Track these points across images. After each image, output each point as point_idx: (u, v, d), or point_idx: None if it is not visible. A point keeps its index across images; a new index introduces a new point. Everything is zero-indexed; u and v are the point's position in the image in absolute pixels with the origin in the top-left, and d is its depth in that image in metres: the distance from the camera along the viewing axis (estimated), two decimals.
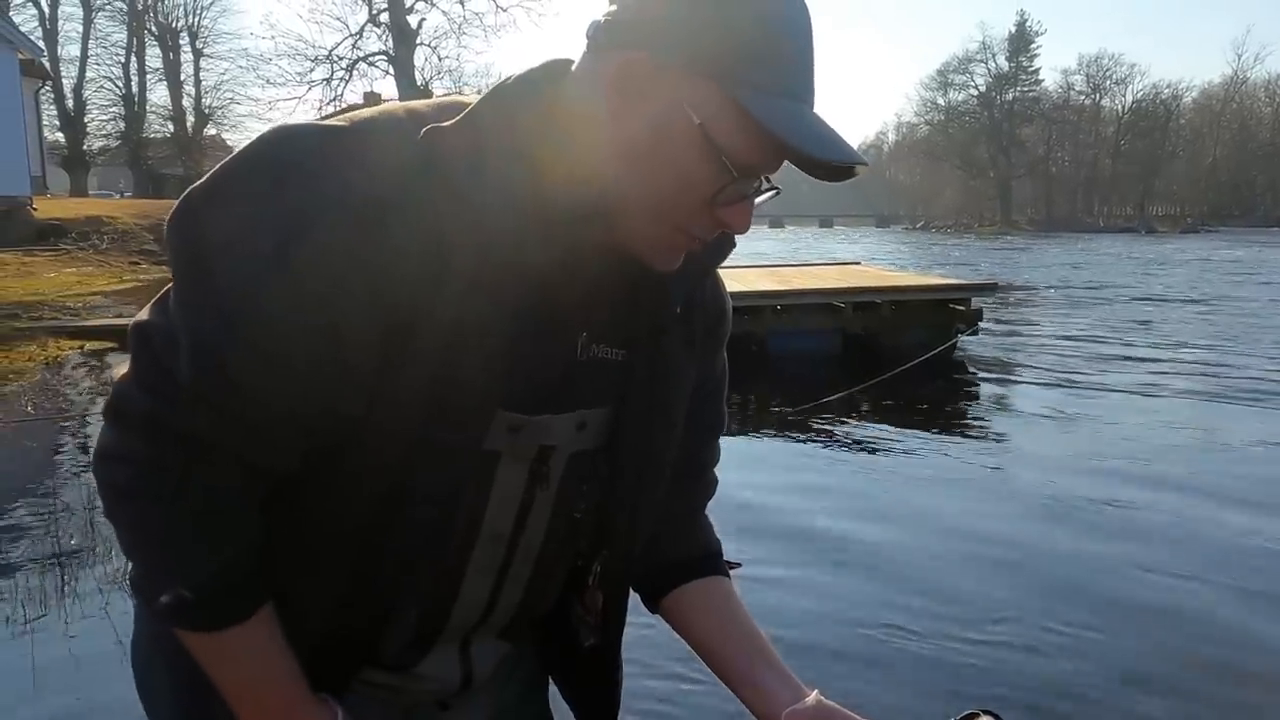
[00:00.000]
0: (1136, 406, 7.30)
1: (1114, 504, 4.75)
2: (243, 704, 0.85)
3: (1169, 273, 23.18)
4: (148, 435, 0.76)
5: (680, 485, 1.05)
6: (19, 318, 10.04)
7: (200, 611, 0.80)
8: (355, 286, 0.73)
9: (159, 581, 0.80)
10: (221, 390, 0.73)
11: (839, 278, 10.87)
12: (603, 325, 0.88)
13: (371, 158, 0.74)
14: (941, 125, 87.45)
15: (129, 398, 0.76)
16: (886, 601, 3.50)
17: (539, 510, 0.90)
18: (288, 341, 0.73)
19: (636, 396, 0.91)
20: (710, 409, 1.06)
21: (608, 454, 0.92)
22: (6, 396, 6.99)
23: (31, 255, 15.60)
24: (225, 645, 0.82)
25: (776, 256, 23.65)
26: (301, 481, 0.82)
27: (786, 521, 4.45)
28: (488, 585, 0.91)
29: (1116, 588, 3.67)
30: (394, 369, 0.76)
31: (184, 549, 0.79)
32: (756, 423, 6.59)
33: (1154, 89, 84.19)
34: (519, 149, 0.78)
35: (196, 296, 0.74)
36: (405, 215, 0.74)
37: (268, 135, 0.77)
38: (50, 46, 39.12)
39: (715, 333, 1.02)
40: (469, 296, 0.76)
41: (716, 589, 1.06)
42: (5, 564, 3.76)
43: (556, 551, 0.94)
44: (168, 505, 0.77)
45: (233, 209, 0.73)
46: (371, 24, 34.07)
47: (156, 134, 45.11)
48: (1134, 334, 11.67)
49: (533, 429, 0.85)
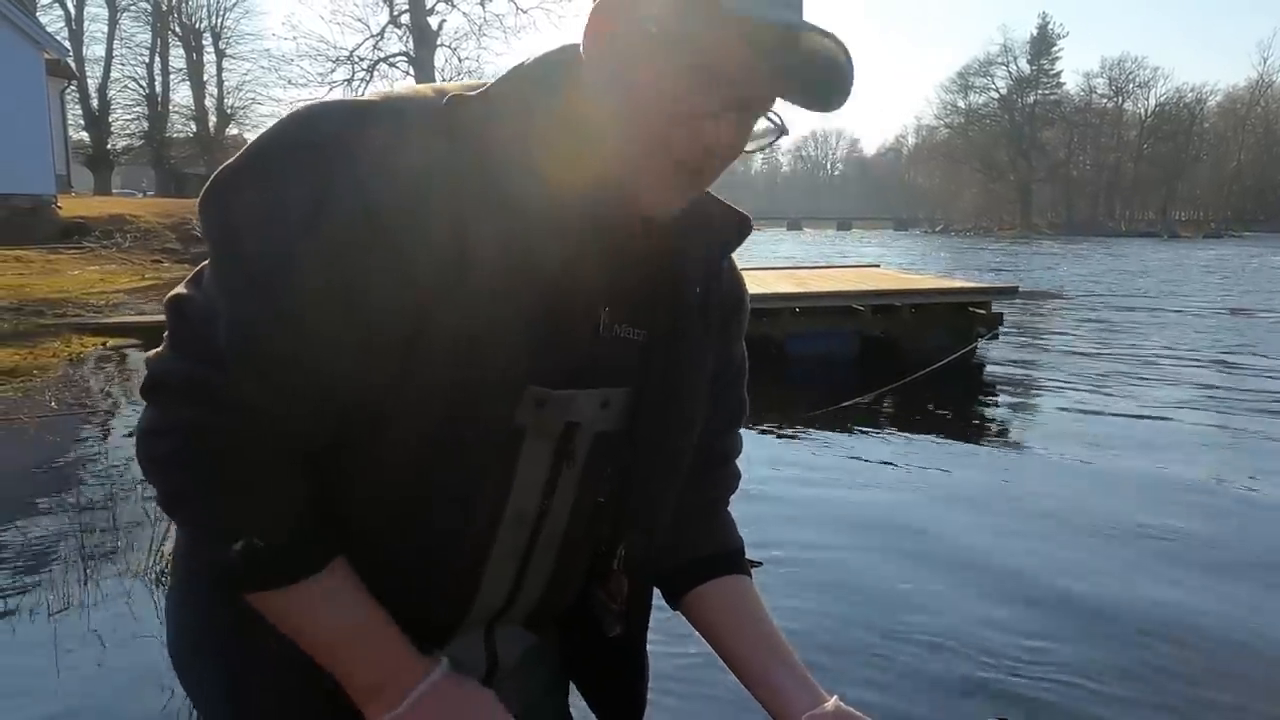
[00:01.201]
0: (1159, 416, 7.21)
1: (1131, 517, 4.70)
2: (340, 662, 0.83)
3: (1193, 278, 22.93)
4: (192, 399, 0.76)
5: (702, 474, 1.05)
6: (44, 314, 10.15)
7: (275, 561, 0.79)
8: (382, 256, 0.74)
9: (221, 541, 0.79)
10: (259, 358, 0.75)
11: (858, 280, 10.82)
12: (624, 303, 0.89)
13: (398, 132, 0.76)
14: (961, 128, 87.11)
15: (168, 369, 0.77)
16: (901, 606, 3.48)
17: (564, 491, 0.90)
18: (318, 310, 0.74)
19: (655, 378, 0.91)
20: (732, 397, 1.06)
21: (629, 436, 0.92)
22: (30, 392, 7.06)
23: (56, 253, 15.77)
24: (306, 598, 0.81)
25: (795, 258, 23.57)
26: (336, 454, 0.82)
27: (800, 524, 4.43)
28: (513, 567, 0.91)
29: (1131, 602, 3.63)
30: (422, 341, 0.77)
31: (244, 503, 0.79)
32: (774, 425, 6.56)
33: (1177, 92, 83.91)
34: (535, 122, 0.80)
35: (230, 269, 0.76)
36: (430, 186, 0.75)
37: (296, 112, 0.79)
38: (76, 47, 39.57)
39: (734, 321, 1.03)
40: (494, 268, 0.77)
41: (737, 588, 1.06)
42: (29, 558, 3.80)
43: (580, 535, 0.94)
44: (219, 465, 0.77)
45: (261, 185, 0.75)
46: (392, 25, 34.29)
47: (179, 134, 45.63)
48: (1156, 340, 11.54)
49: (558, 404, 0.86)
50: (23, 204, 17.49)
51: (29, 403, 6.72)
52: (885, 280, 10.96)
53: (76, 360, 8.33)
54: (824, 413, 6.84)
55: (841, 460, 5.84)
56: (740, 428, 1.11)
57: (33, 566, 3.70)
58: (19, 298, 10.87)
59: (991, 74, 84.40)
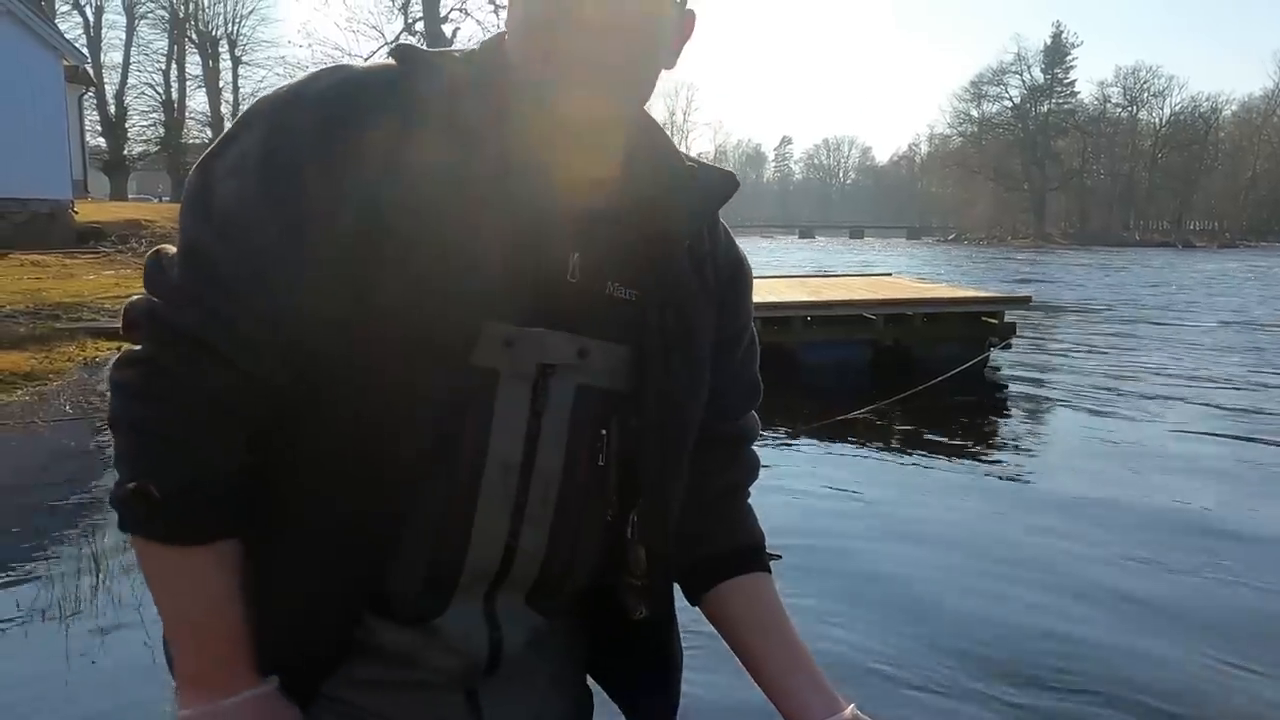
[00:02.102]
0: (1172, 431, 7.16)
1: (1145, 533, 4.66)
2: (176, 637, 0.86)
3: (1208, 289, 22.79)
4: (149, 332, 0.81)
5: (719, 455, 1.04)
6: (59, 318, 10.20)
7: (161, 515, 0.80)
8: (323, 188, 0.80)
9: (124, 475, 0.82)
10: (208, 286, 0.80)
11: (870, 289, 10.80)
12: (609, 259, 0.90)
13: (352, 79, 0.84)
14: (975, 137, 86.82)
15: (136, 306, 0.83)
16: (915, 619, 3.46)
17: (550, 441, 0.88)
18: (264, 239, 0.79)
19: (653, 337, 0.91)
20: (746, 374, 1.06)
21: (630, 398, 0.91)
22: (46, 396, 7.11)
23: (72, 258, 15.88)
24: (176, 565, 0.83)
25: (811, 264, 23.55)
26: (300, 398, 0.83)
27: (812, 532, 4.41)
28: (503, 522, 0.87)
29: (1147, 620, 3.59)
30: (372, 271, 0.80)
31: (166, 450, 0.81)
32: (786, 433, 6.55)
33: (1192, 102, 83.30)
34: (480, 74, 0.86)
35: (194, 212, 0.82)
36: (375, 132, 0.81)
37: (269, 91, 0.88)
38: (94, 53, 40.02)
39: (736, 282, 1.03)
40: (445, 203, 0.81)
41: (757, 587, 1.05)
42: (42, 562, 3.82)
43: (579, 496, 0.91)
44: (164, 404, 0.81)
45: (230, 150, 0.83)
46: (407, 33, 34.45)
47: (195, 140, 45.86)
48: (1170, 351, 11.48)
49: (526, 342, 0.85)
50: (40, 209, 17.63)
51: (44, 407, 6.76)
52: (898, 289, 10.93)
53: (91, 364, 8.38)
54: (836, 421, 6.82)
55: (851, 468, 5.82)
56: (756, 408, 1.11)
57: (45, 571, 3.72)
58: (35, 302, 10.94)
59: (1005, 83, 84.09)
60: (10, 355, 8.06)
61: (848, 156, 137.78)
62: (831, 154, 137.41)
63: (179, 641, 0.86)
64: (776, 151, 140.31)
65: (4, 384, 7.28)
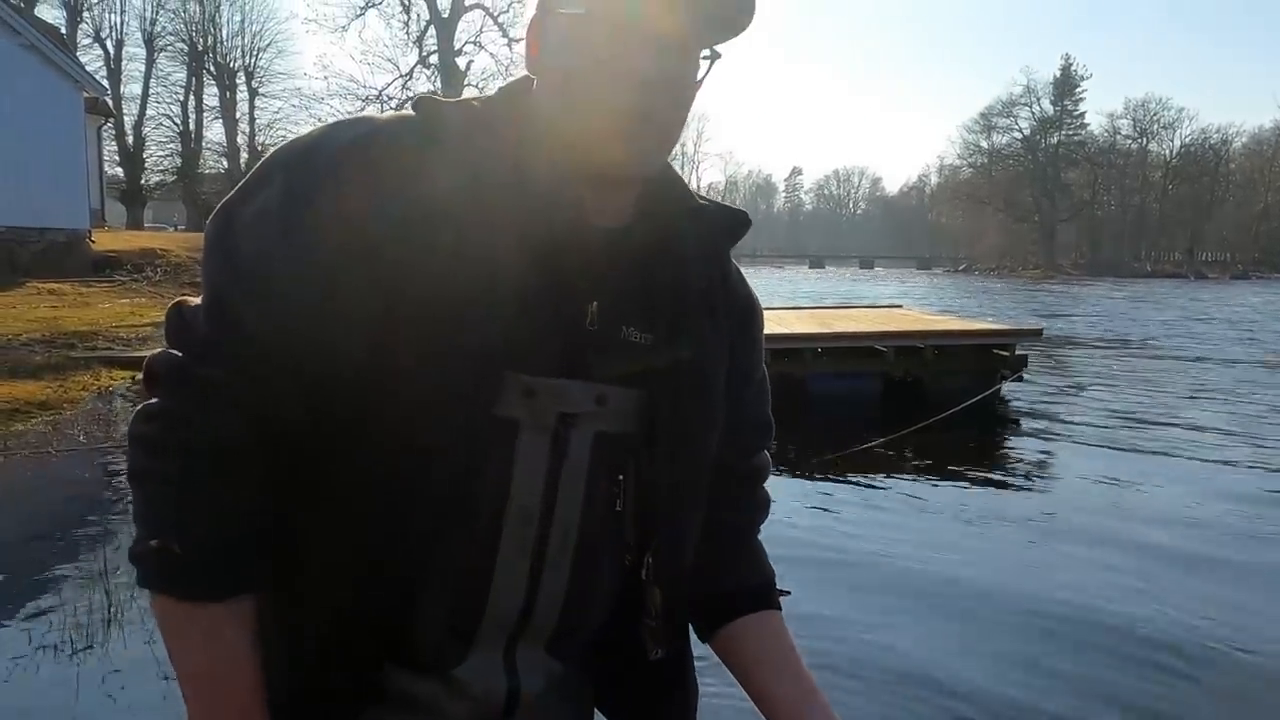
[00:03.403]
0: (1186, 467, 7.10)
1: (1160, 572, 4.62)
2: (188, 692, 0.84)
3: (1222, 322, 22.68)
4: (172, 386, 0.82)
5: (731, 493, 1.04)
6: (75, 347, 10.30)
7: (182, 572, 0.80)
8: (345, 241, 0.80)
9: (145, 531, 0.81)
10: (232, 337, 0.81)
11: (881, 321, 10.80)
12: (622, 304, 0.89)
13: (371, 133, 0.85)
14: (985, 168, 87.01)
15: (160, 358, 0.83)
16: (922, 653, 3.43)
17: (569, 489, 0.89)
18: (288, 291, 0.80)
19: (668, 380, 0.91)
20: (758, 414, 1.06)
21: (644, 442, 0.92)
22: (60, 425, 7.16)
23: (88, 286, 16.04)
24: (195, 622, 0.82)
25: (816, 296, 23.56)
26: (322, 449, 0.83)
27: (823, 565, 4.39)
28: (523, 572, 0.88)
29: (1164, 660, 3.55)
30: (394, 322, 0.80)
31: (188, 503, 0.80)
32: (796, 466, 6.53)
33: (1202, 134, 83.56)
34: (501, 122, 0.87)
35: (218, 263, 0.83)
36: (399, 182, 0.82)
37: (294, 136, 0.89)
38: (114, 85, 40.64)
39: (748, 327, 1.03)
40: (464, 252, 0.81)
41: (769, 625, 1.05)
42: (53, 594, 3.83)
43: (597, 542, 0.91)
44: (186, 455, 0.80)
45: (254, 201, 0.83)
46: (421, 65, 34.98)
47: (211, 170, 46.41)
48: (1182, 385, 11.42)
49: (547, 393, 0.86)
50: (58, 238, 17.84)
51: (58, 436, 6.81)
52: (908, 321, 10.93)
53: (105, 394, 8.44)
54: (846, 454, 6.80)
55: (863, 503, 5.79)
56: (768, 448, 1.11)
57: (58, 603, 3.73)
58: (52, 330, 11.05)
59: (1015, 115, 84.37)
60: (26, 384, 8.13)
61: (858, 187, 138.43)
62: (842, 184, 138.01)
63: (196, 696, 0.84)
64: (787, 182, 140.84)
65: (20, 413, 7.34)
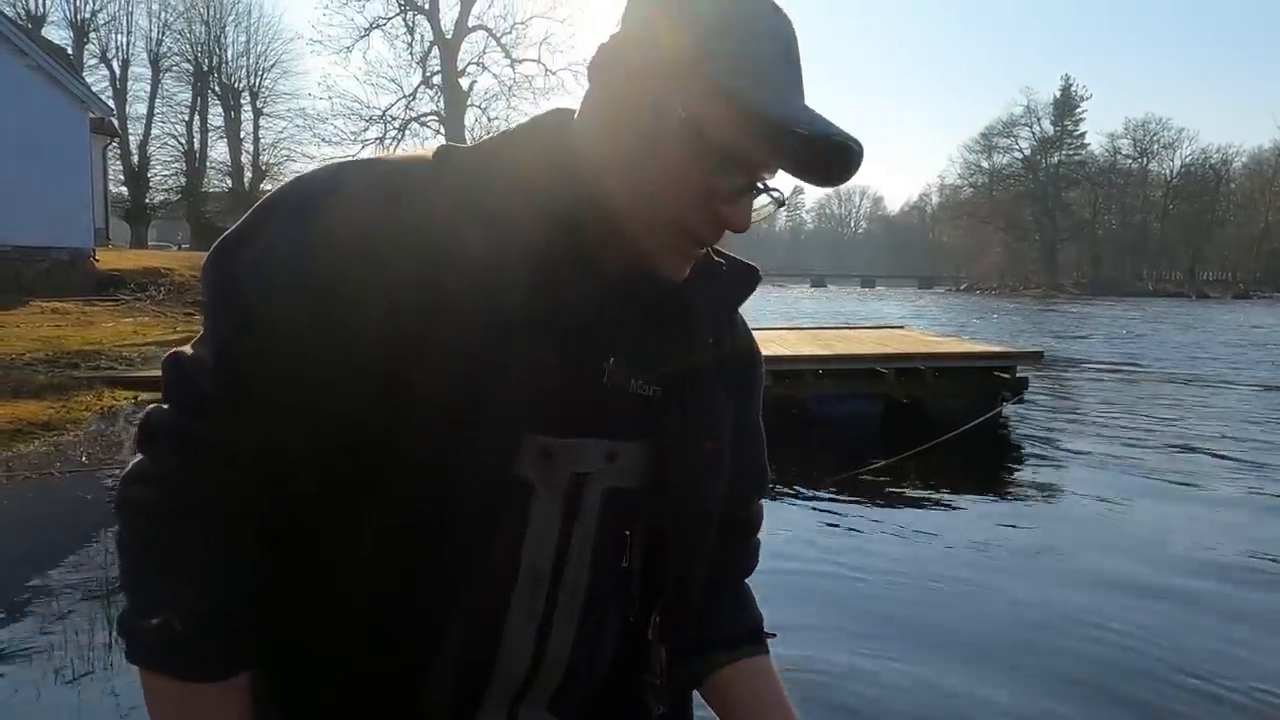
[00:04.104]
0: (1187, 491, 7.08)
1: (1160, 596, 4.61)
2: None
3: (1224, 342, 22.65)
4: (173, 448, 0.77)
5: (725, 547, 1.03)
6: (78, 367, 10.32)
7: (179, 649, 0.76)
8: (365, 296, 0.76)
9: (143, 608, 0.77)
10: (239, 396, 0.76)
11: (882, 343, 10.80)
12: (632, 356, 0.88)
13: (387, 180, 0.80)
14: (985, 188, 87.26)
15: (159, 419, 0.79)
16: (920, 679, 3.42)
17: (579, 549, 0.87)
18: (298, 346, 0.76)
19: (676, 433, 0.90)
20: (754, 463, 1.05)
21: (651, 496, 0.90)
22: (62, 446, 7.17)
23: (92, 305, 16.09)
24: (194, 701, 0.78)
25: (818, 317, 23.56)
26: (331, 511, 0.81)
27: (822, 589, 4.38)
28: (532, 633, 0.87)
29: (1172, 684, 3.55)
30: (409, 382, 0.76)
31: (189, 575, 0.77)
32: (795, 489, 6.52)
33: (1203, 153, 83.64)
34: (532, 170, 0.82)
35: (223, 314, 0.79)
36: (417, 232, 0.77)
37: (298, 175, 0.83)
38: (119, 105, 40.92)
39: (749, 378, 1.02)
40: (484, 310, 0.77)
41: (758, 669, 1.05)
42: (54, 618, 3.83)
43: (604, 601, 0.91)
44: (184, 524, 0.77)
45: (260, 242, 0.78)
46: (425, 86, 35.17)
47: (215, 189, 46.64)
48: (1184, 408, 11.40)
49: (563, 454, 0.84)
50: (62, 257, 17.93)
51: (60, 457, 6.82)
52: (909, 343, 10.92)
53: (108, 414, 8.45)
54: (846, 477, 6.80)
55: (863, 527, 5.78)
56: (763, 497, 1.10)
57: (57, 628, 3.73)
58: (54, 350, 11.07)
59: (1015, 135, 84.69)
60: (29, 404, 8.15)
61: (859, 206, 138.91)
62: (843, 203, 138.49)
63: None
64: (788, 201, 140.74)
65: (22, 434, 7.35)
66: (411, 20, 34.62)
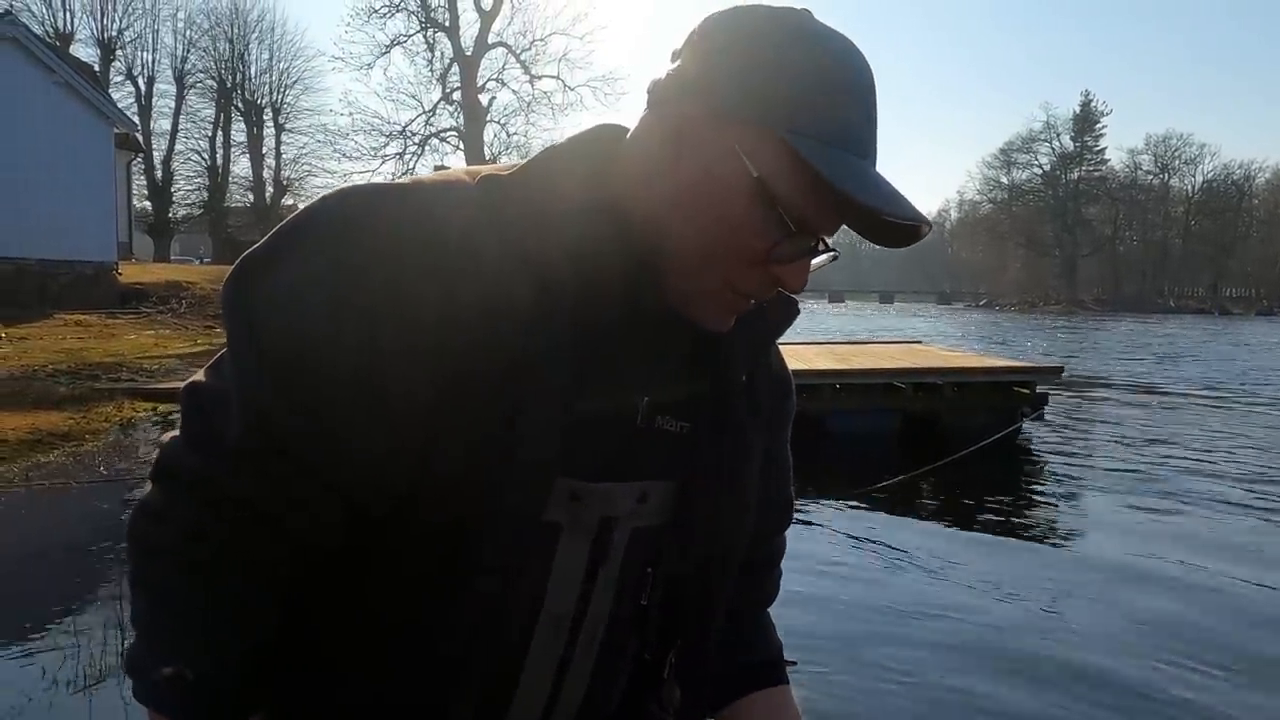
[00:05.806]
0: (1209, 512, 6.98)
1: (1183, 619, 4.53)
2: None
3: (1249, 360, 22.37)
4: (196, 497, 0.75)
5: (748, 576, 1.01)
6: (99, 378, 10.42)
7: (195, 698, 0.76)
8: (403, 343, 0.71)
9: (157, 655, 0.76)
10: (268, 450, 0.73)
11: (900, 357, 10.74)
12: (664, 394, 0.84)
13: (427, 211, 0.74)
14: (1005, 203, 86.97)
15: (179, 459, 0.76)
16: (938, 693, 3.37)
17: (602, 591, 0.85)
18: (333, 398, 0.71)
19: (703, 471, 0.87)
20: (782, 495, 1.02)
21: (675, 534, 0.88)
22: (82, 457, 7.22)
23: (114, 318, 16.28)
24: None
25: (837, 333, 23.51)
26: (355, 556, 0.79)
27: (835, 605, 4.33)
28: (549, 674, 0.85)
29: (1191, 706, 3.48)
30: (448, 428, 0.73)
31: (206, 626, 0.76)
32: (813, 503, 6.48)
33: (1225, 169, 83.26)
34: (575, 202, 0.77)
35: (247, 355, 0.73)
36: (459, 270, 0.73)
37: (325, 196, 0.77)
38: (144, 121, 41.59)
39: (781, 410, 0.99)
40: (524, 354, 0.73)
41: (777, 700, 1.03)
42: (68, 628, 3.84)
43: (621, 640, 0.89)
44: (200, 576, 0.75)
45: (286, 269, 0.73)
46: (444, 102, 35.36)
47: (238, 203, 47.18)
48: (1206, 426, 11.24)
49: (595, 498, 0.82)
50: (86, 270, 18.16)
51: (80, 467, 6.87)
52: (927, 358, 10.85)
53: (128, 425, 8.52)
54: (864, 492, 6.74)
55: (880, 542, 5.72)
56: (786, 529, 1.08)
57: (72, 638, 3.74)
58: (76, 361, 11.20)
59: (1035, 150, 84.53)
60: (50, 415, 8.23)
61: None
62: None
63: None
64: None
65: (42, 444, 7.42)
66: (432, 37, 34.89)
